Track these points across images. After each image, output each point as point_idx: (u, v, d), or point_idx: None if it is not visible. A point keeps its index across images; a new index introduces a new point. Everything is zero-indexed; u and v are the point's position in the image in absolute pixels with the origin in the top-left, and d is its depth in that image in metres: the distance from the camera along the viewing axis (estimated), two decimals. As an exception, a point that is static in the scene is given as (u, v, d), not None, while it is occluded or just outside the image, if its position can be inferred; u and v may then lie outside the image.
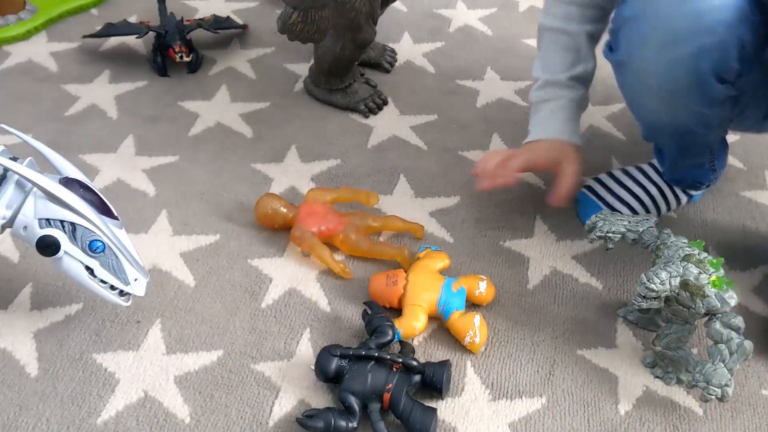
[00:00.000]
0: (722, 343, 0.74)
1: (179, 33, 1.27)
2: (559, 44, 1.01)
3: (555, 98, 1.00)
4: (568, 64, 1.00)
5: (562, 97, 0.99)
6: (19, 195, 0.74)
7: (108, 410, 0.78)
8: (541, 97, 1.01)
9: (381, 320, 0.82)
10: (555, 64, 1.01)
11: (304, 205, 0.98)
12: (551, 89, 1.00)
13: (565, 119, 0.99)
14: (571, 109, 1.00)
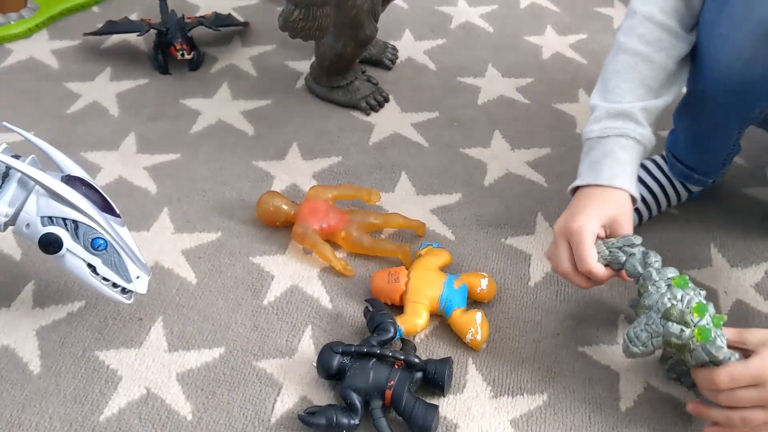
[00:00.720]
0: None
1: (180, 30, 1.27)
2: (637, 73, 0.84)
3: (618, 135, 0.83)
4: (640, 96, 0.84)
5: (625, 135, 0.82)
6: (21, 193, 0.74)
7: (110, 407, 0.78)
8: (596, 132, 0.84)
9: (383, 317, 0.82)
10: (624, 92, 0.84)
11: (305, 203, 0.98)
12: (613, 121, 0.83)
13: (623, 161, 0.82)
14: (636, 150, 0.83)
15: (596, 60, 1.41)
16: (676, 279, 0.73)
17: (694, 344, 0.69)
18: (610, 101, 0.85)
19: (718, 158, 0.99)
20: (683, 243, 1.02)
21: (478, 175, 1.11)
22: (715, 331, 0.69)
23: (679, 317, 0.70)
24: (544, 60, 1.40)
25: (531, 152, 1.16)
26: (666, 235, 1.02)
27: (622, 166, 0.82)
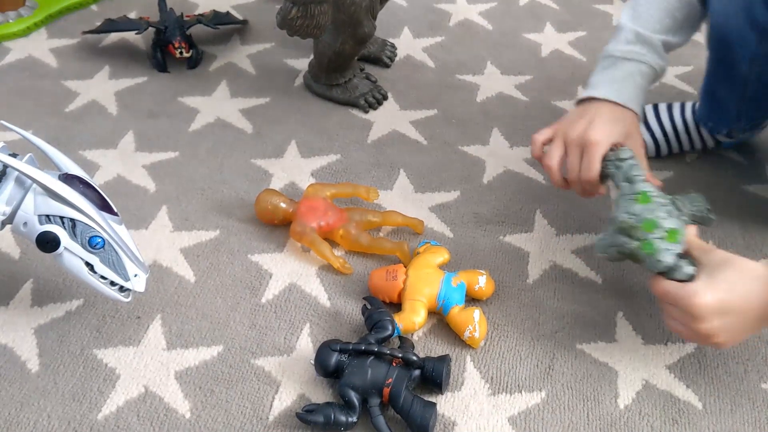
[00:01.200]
0: None
1: (179, 29, 1.27)
2: (667, 2, 0.91)
3: (640, 60, 0.88)
4: (666, 27, 0.90)
5: (647, 63, 0.89)
6: (19, 191, 0.74)
7: (109, 405, 0.78)
8: (623, 52, 0.89)
9: (381, 315, 0.82)
10: (652, 19, 0.90)
11: (303, 201, 0.98)
12: (640, 47, 0.89)
13: (640, 86, 0.88)
14: (650, 78, 0.90)
15: (595, 57, 1.40)
16: (641, 195, 0.78)
17: (642, 256, 0.75)
18: (638, 25, 0.90)
19: (727, 109, 1.02)
20: (682, 240, 1.02)
21: (476, 173, 1.11)
22: (666, 245, 0.74)
23: (628, 231, 0.76)
24: (543, 57, 1.40)
25: (529, 149, 1.16)
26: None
27: (637, 90, 0.88)
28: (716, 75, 1.02)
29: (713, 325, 0.71)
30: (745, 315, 0.71)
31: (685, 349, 0.87)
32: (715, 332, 0.71)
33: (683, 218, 0.78)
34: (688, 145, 1.14)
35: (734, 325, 0.71)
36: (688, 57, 1.33)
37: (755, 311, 0.71)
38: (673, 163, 1.14)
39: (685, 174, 1.12)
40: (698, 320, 0.71)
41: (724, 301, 0.70)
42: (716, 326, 0.71)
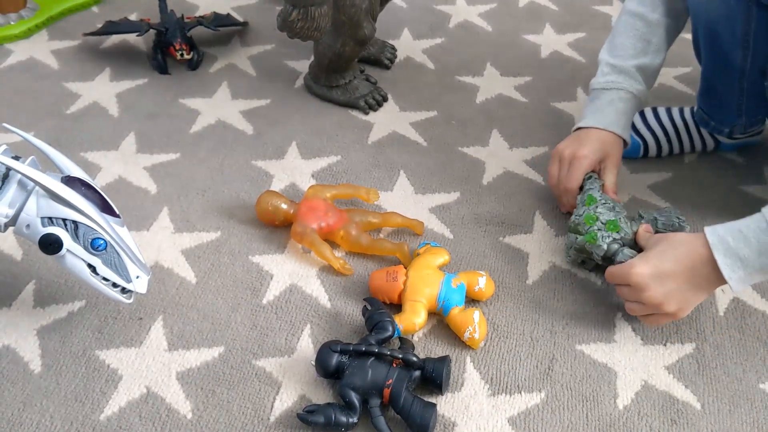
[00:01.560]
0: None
1: (180, 30, 1.27)
2: (634, 30, 1.01)
3: (618, 88, 1.00)
4: (639, 51, 1.00)
5: (623, 89, 1.00)
6: (21, 194, 0.75)
7: (111, 406, 0.78)
8: (602, 84, 1.01)
9: (381, 316, 0.83)
10: (625, 47, 1.01)
11: (304, 202, 0.98)
12: (616, 76, 1.00)
13: (620, 111, 1.00)
14: (631, 101, 1.00)
15: (595, 59, 1.40)
16: (587, 197, 0.93)
17: (589, 247, 0.89)
18: (614, 56, 1.02)
19: (727, 105, 1.04)
20: (681, 241, 1.02)
21: (476, 174, 1.11)
22: (605, 233, 0.89)
23: (575, 229, 0.92)
24: (543, 59, 1.40)
25: (529, 151, 1.17)
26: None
27: (618, 114, 1.00)
28: (712, 72, 1.03)
29: (657, 291, 0.79)
30: (680, 276, 0.79)
31: (683, 350, 0.87)
32: (661, 298, 0.79)
33: (624, 215, 0.91)
34: (688, 146, 1.15)
35: (675, 289, 0.79)
36: (688, 58, 1.33)
37: (688, 270, 0.79)
38: (672, 163, 1.14)
39: (683, 174, 1.13)
40: (642, 289, 0.80)
41: (658, 267, 0.80)
42: (660, 292, 0.79)
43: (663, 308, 0.80)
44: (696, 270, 0.78)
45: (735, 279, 0.77)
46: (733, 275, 0.76)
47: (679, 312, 0.81)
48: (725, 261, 0.76)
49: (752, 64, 0.93)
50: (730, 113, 1.05)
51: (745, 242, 0.76)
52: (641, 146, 1.13)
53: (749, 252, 0.76)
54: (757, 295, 0.94)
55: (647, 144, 1.13)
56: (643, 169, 1.13)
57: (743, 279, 0.77)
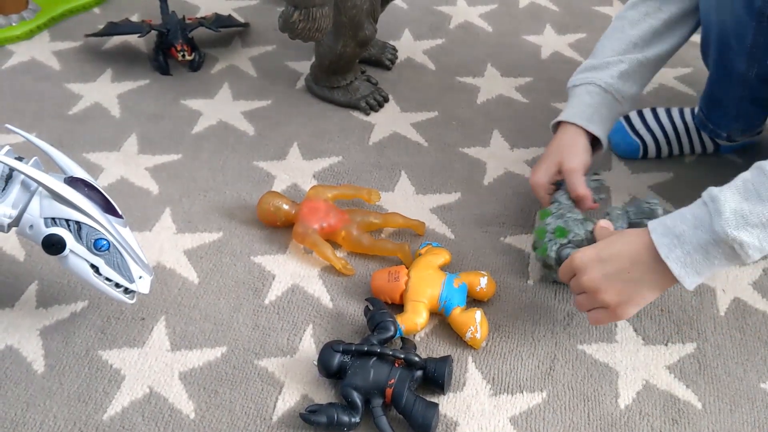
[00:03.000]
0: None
1: (181, 31, 1.27)
2: (623, 34, 0.98)
3: (587, 83, 0.97)
4: (621, 51, 0.97)
5: (593, 83, 0.96)
6: (24, 194, 0.75)
7: (114, 406, 0.79)
8: (572, 82, 0.99)
9: (383, 316, 0.83)
10: (606, 49, 0.98)
11: (305, 203, 0.98)
12: (588, 73, 0.97)
13: (586, 103, 0.96)
14: (601, 96, 0.96)
15: (595, 59, 1.41)
16: (540, 212, 0.92)
17: (547, 259, 0.88)
18: (592, 57, 0.99)
19: (728, 111, 1.04)
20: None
21: (477, 175, 1.12)
22: (554, 242, 0.87)
23: (534, 245, 0.92)
24: (543, 59, 1.40)
25: (530, 151, 1.17)
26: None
27: (584, 106, 0.96)
28: (717, 78, 1.03)
29: (595, 274, 0.75)
30: (621, 260, 0.74)
31: (685, 350, 0.87)
32: (598, 282, 0.75)
33: (577, 217, 0.88)
34: (688, 148, 1.15)
35: (614, 275, 0.74)
36: (689, 58, 1.34)
37: (629, 257, 0.74)
38: (672, 163, 1.15)
39: (683, 175, 1.13)
40: (582, 272, 0.77)
41: (601, 251, 0.76)
42: (598, 275, 0.75)
43: (600, 296, 0.75)
44: (639, 256, 0.74)
45: (673, 259, 0.71)
46: (670, 254, 0.71)
47: (619, 307, 0.75)
48: (661, 240, 0.72)
49: (756, 74, 0.93)
50: (729, 119, 1.05)
51: (681, 219, 0.72)
52: (640, 147, 1.14)
53: (685, 227, 0.71)
54: (758, 295, 0.94)
55: (646, 145, 1.13)
56: (644, 170, 1.13)
57: (683, 260, 0.71)
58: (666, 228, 0.73)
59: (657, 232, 0.73)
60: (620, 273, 0.74)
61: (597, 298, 0.76)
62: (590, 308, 0.78)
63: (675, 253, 0.71)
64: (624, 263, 0.74)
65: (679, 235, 0.72)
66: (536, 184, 0.95)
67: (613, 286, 0.75)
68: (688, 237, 0.71)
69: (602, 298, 0.75)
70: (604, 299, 0.75)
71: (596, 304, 0.77)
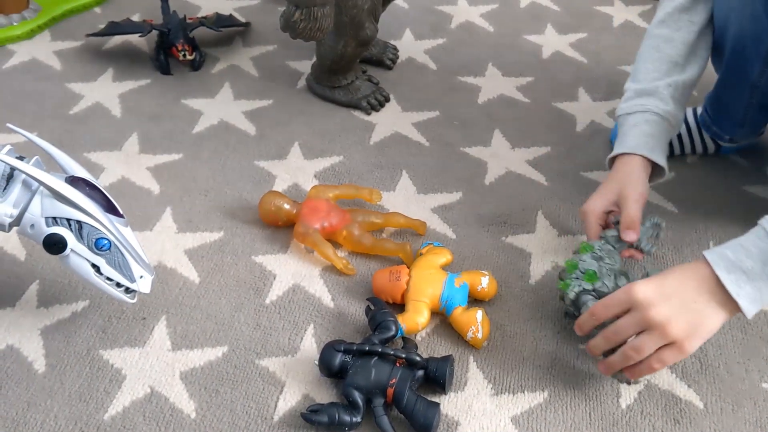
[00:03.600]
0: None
1: (182, 31, 1.27)
2: (659, 53, 0.96)
3: (642, 110, 0.94)
4: (665, 71, 0.95)
5: (649, 110, 0.94)
6: (25, 194, 0.75)
7: (115, 406, 0.79)
8: (624, 110, 0.97)
9: (384, 316, 0.83)
10: (648, 71, 0.96)
11: (307, 202, 0.98)
12: (639, 99, 0.95)
13: (646, 133, 0.93)
14: (659, 124, 0.94)
15: (596, 59, 1.42)
16: (582, 245, 0.88)
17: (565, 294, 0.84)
18: (637, 81, 0.97)
19: (733, 115, 1.04)
20: (683, 241, 1.02)
21: (478, 174, 1.12)
22: (579, 282, 0.83)
23: (560, 273, 0.87)
24: (545, 59, 1.40)
25: (531, 151, 1.17)
26: (665, 233, 1.03)
27: (644, 136, 0.93)
28: (725, 81, 1.02)
29: (662, 309, 0.71)
30: (685, 294, 0.71)
31: (686, 349, 0.87)
32: (667, 317, 0.71)
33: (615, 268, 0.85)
34: (689, 148, 1.15)
35: (680, 309, 0.71)
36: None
37: (692, 289, 0.72)
38: (674, 163, 1.14)
39: (686, 175, 1.13)
40: (646, 307, 0.71)
41: (661, 285, 0.72)
42: (665, 311, 0.71)
43: (669, 329, 0.70)
44: (701, 288, 0.71)
45: (743, 296, 0.70)
46: (740, 291, 0.70)
47: (686, 340, 0.71)
48: (729, 277, 0.70)
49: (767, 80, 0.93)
50: (734, 123, 1.05)
51: (746, 253, 0.70)
52: None
53: (752, 263, 0.70)
54: (759, 295, 0.94)
55: None
56: (645, 169, 1.13)
57: (752, 296, 0.70)
58: (730, 263, 0.71)
59: (720, 268, 0.71)
60: (686, 304, 0.71)
61: (665, 332, 0.71)
62: (654, 348, 0.72)
63: (745, 290, 0.70)
64: (689, 294, 0.72)
65: (747, 271, 0.70)
66: (590, 211, 0.91)
67: (683, 318, 0.71)
68: (757, 272, 0.70)
69: (671, 331, 0.71)
70: (672, 333, 0.71)
71: (662, 341, 0.71)
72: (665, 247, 1.01)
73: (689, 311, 0.71)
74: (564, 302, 0.86)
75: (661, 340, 0.71)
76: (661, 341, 0.71)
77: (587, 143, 1.20)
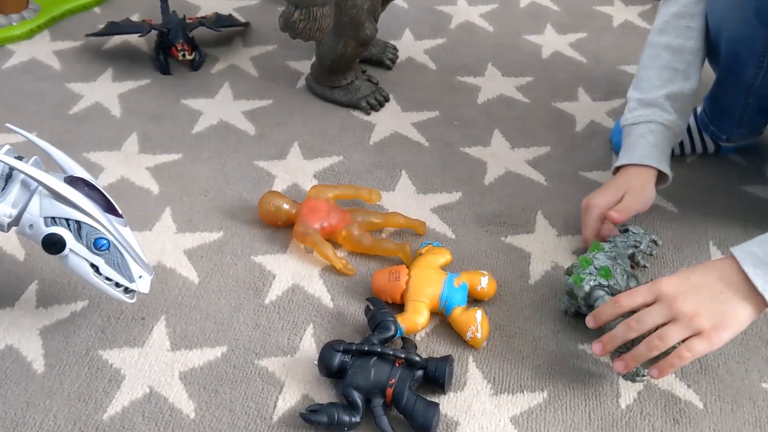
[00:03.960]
0: None
1: (182, 31, 1.27)
2: (659, 60, 0.98)
3: (647, 121, 0.97)
4: (666, 79, 0.97)
5: (654, 121, 0.97)
6: (24, 194, 0.75)
7: (114, 406, 0.78)
8: (630, 120, 0.99)
9: (383, 316, 0.83)
10: (650, 79, 0.98)
11: (306, 202, 0.98)
12: (643, 110, 0.98)
13: (651, 143, 0.96)
14: (664, 134, 0.97)
15: (596, 59, 1.41)
16: (594, 245, 0.89)
17: (576, 290, 0.84)
18: (640, 90, 0.99)
19: (730, 116, 1.04)
20: (682, 241, 1.02)
21: (478, 174, 1.12)
22: (593, 278, 0.84)
23: (569, 271, 0.88)
24: (544, 59, 1.40)
25: (531, 151, 1.17)
26: (665, 233, 1.03)
27: (650, 147, 0.96)
28: (722, 83, 1.03)
29: (689, 300, 0.71)
30: (712, 286, 0.72)
31: (686, 349, 0.87)
32: (694, 307, 0.71)
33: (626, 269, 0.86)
34: (689, 148, 1.15)
35: (707, 300, 0.71)
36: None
37: (718, 280, 0.72)
38: (674, 163, 1.13)
39: (686, 175, 1.13)
40: (673, 298, 0.72)
41: (687, 278, 0.73)
42: (692, 302, 0.71)
43: (697, 319, 0.71)
44: (728, 283, 0.72)
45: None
46: (767, 287, 0.70)
47: (715, 331, 0.71)
48: (756, 272, 0.70)
49: (762, 82, 0.93)
50: (732, 123, 1.06)
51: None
52: None
53: None
54: (759, 295, 0.94)
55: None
56: (645, 169, 1.13)
57: None
58: (757, 258, 0.71)
59: (747, 263, 0.71)
60: (714, 296, 0.72)
61: (693, 322, 0.71)
62: (680, 338, 0.72)
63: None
64: (715, 287, 0.72)
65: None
66: (595, 204, 0.94)
67: (710, 308, 0.71)
68: None
69: (698, 321, 0.71)
70: (699, 323, 0.71)
71: (689, 332, 0.71)
72: (665, 247, 1.01)
73: (716, 302, 0.71)
74: (568, 298, 0.88)
75: (687, 330, 0.71)
76: (687, 331, 0.71)
77: (587, 143, 1.19)
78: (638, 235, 0.91)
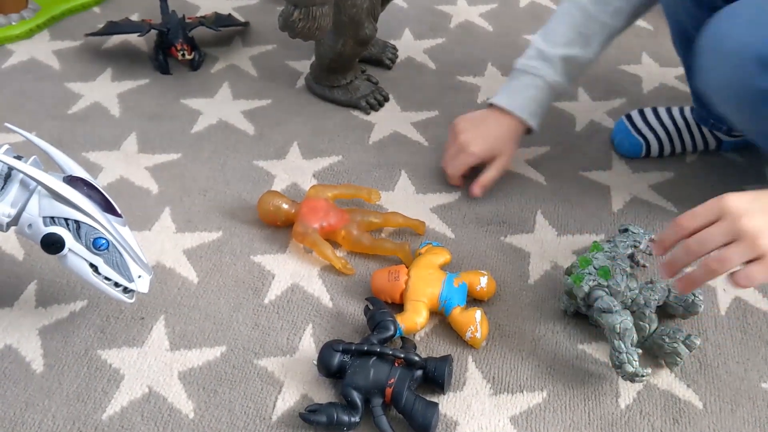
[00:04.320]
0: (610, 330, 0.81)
1: (181, 31, 1.27)
2: (571, 18, 1.00)
3: (536, 74, 1.01)
4: (569, 40, 1.00)
5: (541, 77, 1.01)
6: (23, 193, 0.75)
7: (113, 406, 0.78)
8: (523, 66, 1.03)
9: (383, 316, 0.83)
10: (557, 34, 1.01)
11: (305, 202, 0.98)
12: (538, 62, 1.01)
13: (532, 97, 1.02)
14: (546, 92, 1.02)
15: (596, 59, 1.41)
16: (593, 245, 0.90)
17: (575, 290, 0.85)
18: (544, 40, 1.02)
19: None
20: (682, 240, 1.02)
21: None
22: (593, 277, 0.85)
23: (568, 270, 0.89)
24: (544, 58, 1.40)
25: (530, 150, 1.17)
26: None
27: (529, 100, 1.02)
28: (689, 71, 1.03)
29: (756, 219, 0.66)
30: None
31: (685, 349, 0.87)
32: (760, 227, 0.65)
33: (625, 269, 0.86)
34: (690, 145, 1.15)
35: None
36: (688, 58, 1.33)
37: None
38: (674, 163, 1.14)
39: (685, 174, 1.13)
40: (739, 216, 0.66)
41: (756, 198, 0.68)
42: (759, 221, 0.66)
43: (760, 241, 0.65)
44: None
45: None
46: None
47: None
48: None
49: None
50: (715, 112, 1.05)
51: None
52: (643, 146, 1.13)
53: None
54: (758, 295, 0.94)
55: (649, 144, 1.13)
56: (645, 169, 1.13)
57: None
58: None
59: None
60: None
61: (756, 244, 0.65)
62: (740, 261, 0.66)
63: None
64: None
65: None
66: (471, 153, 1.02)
67: None
68: None
69: (762, 243, 0.65)
70: (764, 245, 0.65)
71: (750, 254, 0.66)
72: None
73: None
74: (568, 298, 0.88)
75: (750, 252, 0.66)
76: (749, 254, 0.66)
77: (586, 143, 1.19)
78: (638, 235, 0.91)
